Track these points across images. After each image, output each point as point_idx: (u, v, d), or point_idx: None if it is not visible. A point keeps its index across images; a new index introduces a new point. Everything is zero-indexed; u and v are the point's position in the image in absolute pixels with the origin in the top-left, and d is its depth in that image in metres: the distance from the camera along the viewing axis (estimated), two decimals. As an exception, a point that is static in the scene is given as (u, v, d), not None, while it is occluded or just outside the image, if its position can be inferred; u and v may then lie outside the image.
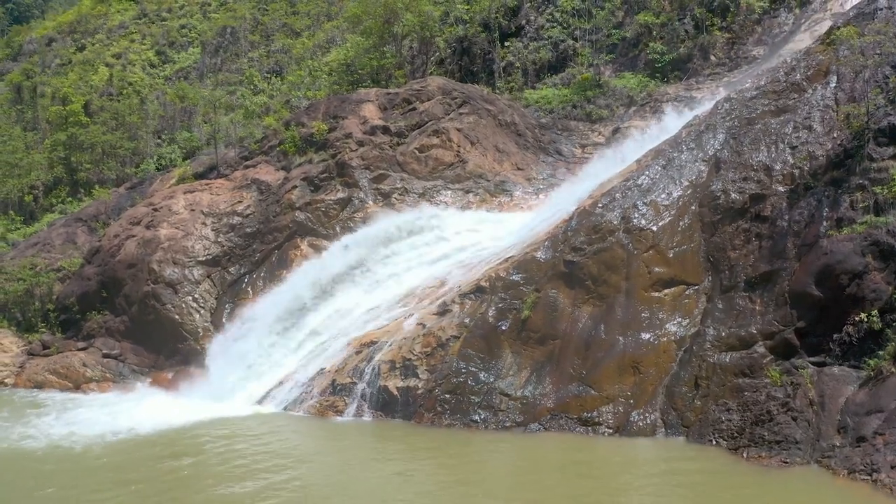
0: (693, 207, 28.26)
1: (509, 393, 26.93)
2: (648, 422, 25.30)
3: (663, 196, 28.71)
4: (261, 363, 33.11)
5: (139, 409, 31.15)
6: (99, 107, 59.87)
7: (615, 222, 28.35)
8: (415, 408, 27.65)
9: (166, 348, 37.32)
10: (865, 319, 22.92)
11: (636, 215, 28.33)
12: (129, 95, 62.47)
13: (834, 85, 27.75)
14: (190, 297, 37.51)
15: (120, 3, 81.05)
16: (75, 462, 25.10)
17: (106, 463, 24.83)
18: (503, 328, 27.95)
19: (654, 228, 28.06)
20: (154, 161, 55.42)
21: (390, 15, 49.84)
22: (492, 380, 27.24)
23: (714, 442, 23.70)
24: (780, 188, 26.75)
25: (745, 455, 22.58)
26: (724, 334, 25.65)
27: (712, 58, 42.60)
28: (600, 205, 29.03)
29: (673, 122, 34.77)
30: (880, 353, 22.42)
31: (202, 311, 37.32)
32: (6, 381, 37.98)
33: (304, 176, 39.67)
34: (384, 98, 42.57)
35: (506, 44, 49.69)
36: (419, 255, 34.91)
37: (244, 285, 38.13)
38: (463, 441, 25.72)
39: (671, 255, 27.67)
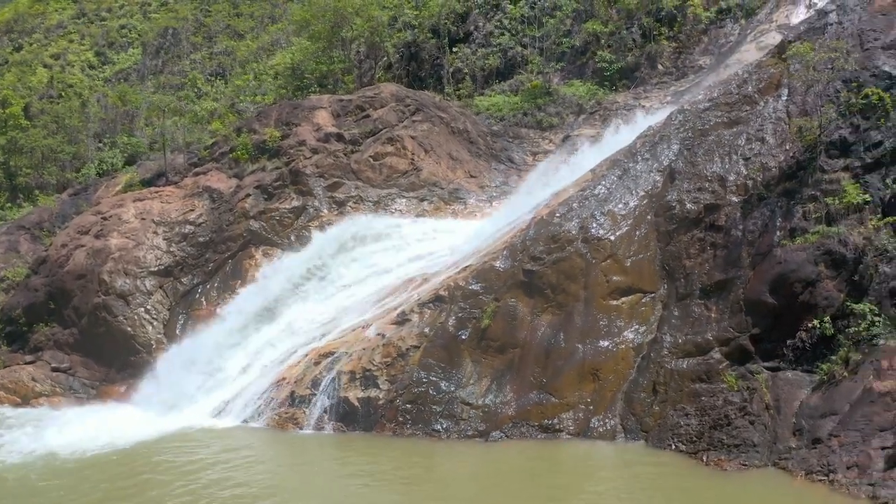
0: (649, 217, 28.73)
1: (471, 402, 27.01)
2: (608, 427, 25.70)
3: (620, 206, 29.11)
4: (216, 375, 32.49)
5: (91, 425, 30.16)
6: (39, 109, 58.31)
7: (573, 232, 28.62)
8: (376, 418, 27.55)
9: (118, 361, 36.37)
10: (818, 326, 23.65)
11: (594, 225, 28.67)
12: (69, 97, 60.94)
13: (786, 98, 28.40)
14: (142, 309, 36.68)
15: (58, 1, 79.15)
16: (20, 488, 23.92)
17: (58, 496, 23.15)
18: (463, 337, 27.98)
19: (612, 238, 28.44)
20: (95, 166, 54.14)
21: (340, 19, 49.59)
22: (453, 389, 27.29)
23: (673, 446, 24.13)
24: (734, 198, 27.34)
25: (704, 459, 23.08)
26: (680, 341, 26.14)
27: (659, 67, 43.37)
28: (558, 214, 29.27)
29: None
30: (833, 357, 23.14)
31: (155, 323, 36.55)
32: (-50, 395, 36.74)
33: (258, 184, 39.19)
34: (337, 105, 42.36)
35: (454, 50, 49.76)
36: (375, 265, 34.80)
37: (197, 296, 37.46)
38: (426, 450, 25.75)
39: (628, 264, 28.11)
